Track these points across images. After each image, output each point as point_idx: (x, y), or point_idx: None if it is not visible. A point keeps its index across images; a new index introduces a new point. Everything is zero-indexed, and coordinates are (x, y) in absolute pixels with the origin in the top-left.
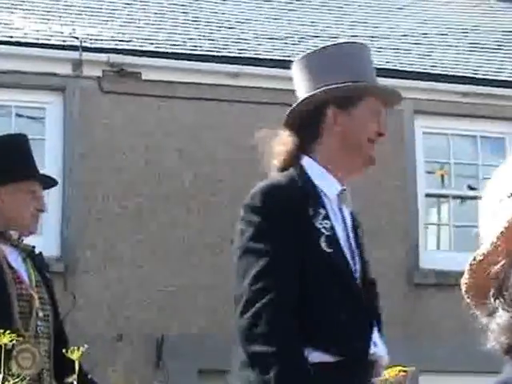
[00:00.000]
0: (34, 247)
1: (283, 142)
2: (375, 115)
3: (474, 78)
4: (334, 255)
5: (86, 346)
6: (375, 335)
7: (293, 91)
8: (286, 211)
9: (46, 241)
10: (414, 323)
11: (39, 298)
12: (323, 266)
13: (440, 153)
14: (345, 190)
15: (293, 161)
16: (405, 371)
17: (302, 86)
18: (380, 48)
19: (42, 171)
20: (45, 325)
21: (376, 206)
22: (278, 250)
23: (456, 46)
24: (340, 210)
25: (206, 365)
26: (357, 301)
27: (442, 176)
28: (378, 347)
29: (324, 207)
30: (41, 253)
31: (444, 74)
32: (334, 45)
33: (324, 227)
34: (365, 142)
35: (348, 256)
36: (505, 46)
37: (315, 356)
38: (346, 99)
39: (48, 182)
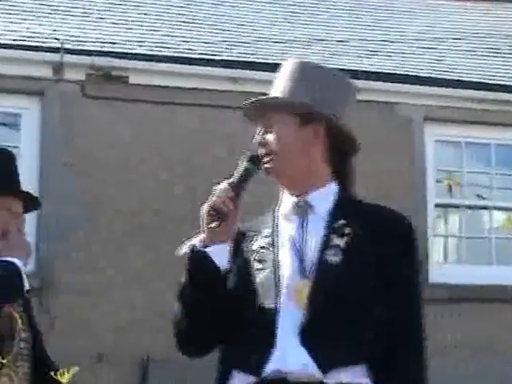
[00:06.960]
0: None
1: None
2: None
3: (489, 83)
4: (263, 268)
5: (76, 368)
6: (291, 349)
7: None
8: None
9: None
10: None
11: (19, 317)
12: (248, 283)
13: (451, 162)
14: (303, 200)
15: None
16: None
17: None
18: (390, 52)
19: None
20: (26, 346)
21: None
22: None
23: (469, 51)
24: (302, 219)
25: None
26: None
27: (450, 186)
28: (289, 362)
29: (269, 226)
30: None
31: (457, 80)
32: None
33: (260, 246)
34: None
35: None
36: None
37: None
38: None
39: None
